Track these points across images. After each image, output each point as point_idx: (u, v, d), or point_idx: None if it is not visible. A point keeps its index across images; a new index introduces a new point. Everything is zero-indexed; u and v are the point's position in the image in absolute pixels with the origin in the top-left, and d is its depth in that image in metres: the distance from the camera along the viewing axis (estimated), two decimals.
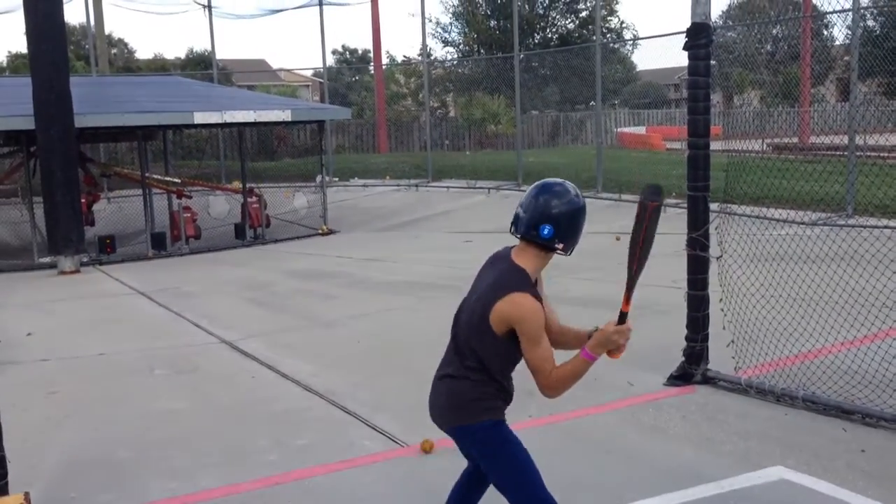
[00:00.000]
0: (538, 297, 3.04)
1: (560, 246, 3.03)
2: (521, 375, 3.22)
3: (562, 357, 3.16)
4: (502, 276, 3.05)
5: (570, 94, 28.12)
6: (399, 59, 42.28)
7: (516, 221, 3.09)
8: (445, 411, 3.17)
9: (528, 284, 3.04)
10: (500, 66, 24.25)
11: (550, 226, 2.98)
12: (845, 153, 12.02)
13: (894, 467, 4.41)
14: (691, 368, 5.94)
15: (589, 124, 29.17)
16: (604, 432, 5.17)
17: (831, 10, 14.84)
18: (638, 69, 42.65)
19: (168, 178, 16.81)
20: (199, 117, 14.79)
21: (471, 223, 15.63)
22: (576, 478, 4.43)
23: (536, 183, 3.13)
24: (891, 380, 5.27)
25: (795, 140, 17.52)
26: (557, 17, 38.98)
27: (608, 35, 37.32)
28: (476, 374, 3.09)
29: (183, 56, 44.59)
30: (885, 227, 8.37)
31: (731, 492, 4.24)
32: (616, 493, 4.27)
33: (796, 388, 5.43)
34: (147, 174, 15.53)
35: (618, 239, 11.16)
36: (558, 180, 3.13)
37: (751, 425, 5.13)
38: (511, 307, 2.97)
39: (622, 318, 3.15)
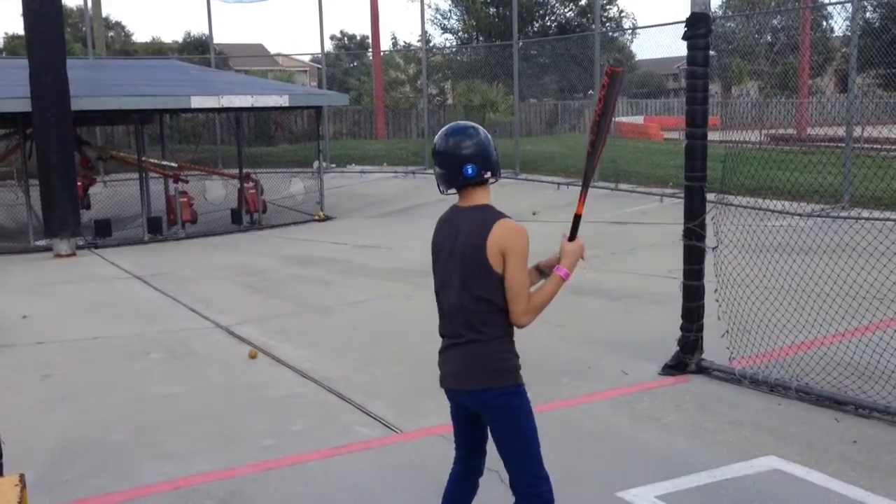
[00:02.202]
0: None
1: (488, 175, 3.12)
2: None
3: None
4: (480, 216, 3.11)
5: (568, 83, 28.04)
6: (398, 45, 42.18)
7: (445, 178, 3.14)
8: (466, 370, 3.12)
9: (503, 213, 3.13)
10: (499, 53, 24.19)
11: (472, 164, 3.09)
12: (842, 145, 12.03)
13: (886, 458, 4.44)
14: (686, 358, 5.96)
15: (587, 113, 29.11)
16: (597, 421, 5.20)
17: (831, 0, 14.81)
18: (637, 58, 42.58)
19: (165, 163, 16.76)
20: (197, 101, 14.72)
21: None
22: (568, 465, 4.45)
23: (440, 135, 3.17)
24: (883, 371, 5.29)
25: (793, 131, 17.53)
26: (557, 5, 38.85)
27: (607, 24, 37.23)
28: (493, 330, 3.09)
29: (180, 40, 44.39)
30: (881, 219, 8.39)
31: (724, 481, 4.26)
32: (608, 481, 4.30)
33: (790, 379, 5.45)
34: (144, 158, 15.49)
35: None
36: (455, 123, 3.22)
37: (744, 415, 5.16)
38: (503, 230, 3.05)
39: (576, 221, 3.33)
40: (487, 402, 3.10)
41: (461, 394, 3.18)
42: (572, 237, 3.29)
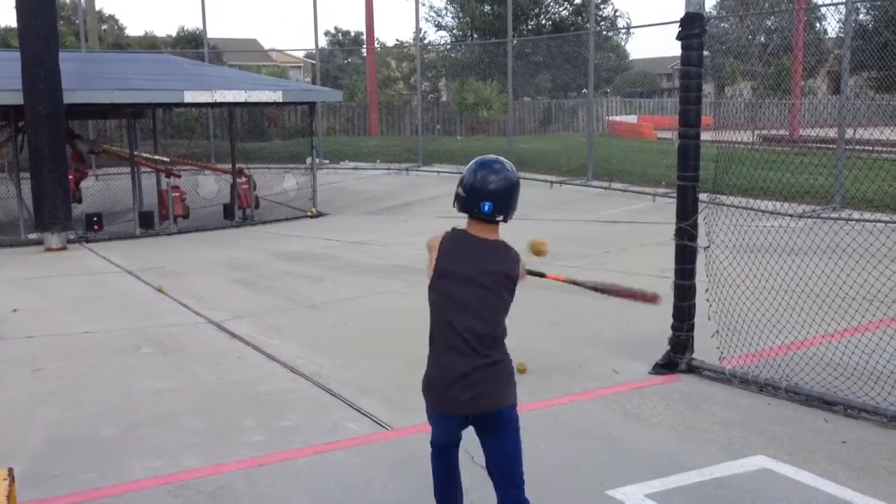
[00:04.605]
0: None
1: (500, 218, 3.27)
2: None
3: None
4: (504, 248, 3.32)
5: (562, 82, 28.08)
6: (392, 42, 42.12)
7: (468, 201, 3.26)
8: (500, 389, 3.26)
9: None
10: (494, 51, 24.20)
11: (490, 202, 3.22)
12: (834, 146, 12.07)
13: (875, 459, 4.46)
14: (676, 357, 5.98)
15: (581, 112, 29.14)
16: (587, 419, 5.20)
17: (824, 2, 14.85)
18: (631, 58, 42.66)
19: (157, 157, 16.71)
20: (190, 96, 14.69)
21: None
22: (557, 463, 4.46)
23: (476, 161, 3.32)
24: (872, 372, 5.31)
25: (785, 132, 17.57)
26: (551, 3, 38.87)
27: (602, 23, 37.26)
28: (502, 352, 3.31)
29: (174, 34, 44.22)
30: (871, 220, 8.42)
31: (713, 480, 4.28)
32: (597, 479, 4.30)
33: (779, 379, 5.47)
34: (136, 152, 15.44)
35: None
36: (494, 157, 3.35)
37: (734, 415, 5.17)
38: (523, 269, 3.38)
39: (540, 276, 3.71)
40: (507, 416, 3.26)
41: (483, 415, 3.25)
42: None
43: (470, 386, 3.20)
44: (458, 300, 3.23)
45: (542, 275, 3.80)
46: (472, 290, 3.21)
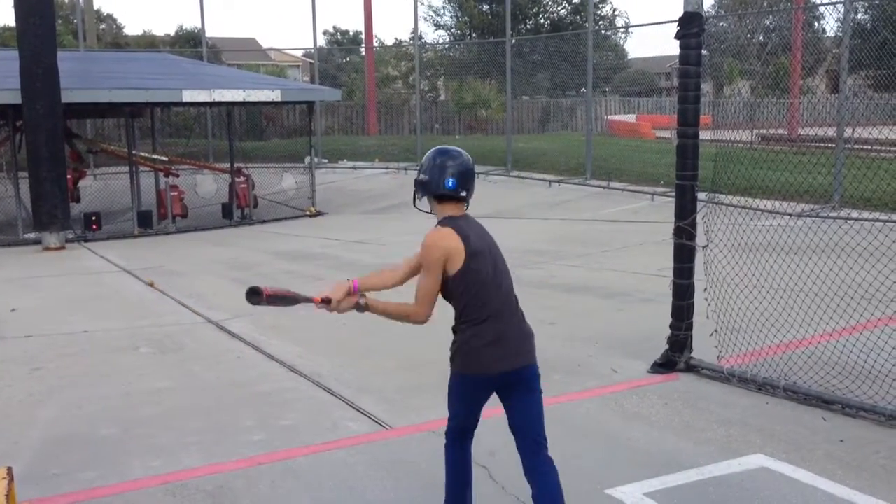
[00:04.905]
0: None
1: (463, 194, 3.53)
2: None
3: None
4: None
5: (560, 81, 28.10)
6: (391, 41, 42.10)
7: (432, 182, 3.54)
8: (533, 348, 3.51)
9: None
10: (492, 50, 24.19)
11: (453, 179, 3.53)
12: (833, 145, 12.07)
13: (872, 457, 4.47)
14: (675, 356, 5.98)
15: (579, 111, 29.14)
16: (586, 418, 5.21)
17: (823, 1, 14.85)
18: (629, 57, 42.64)
19: (155, 156, 16.71)
20: (188, 95, 14.69)
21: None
22: (557, 462, 4.44)
23: (433, 150, 3.63)
24: (870, 371, 5.32)
25: (784, 131, 17.58)
26: (550, 3, 38.87)
27: (600, 22, 37.27)
28: None
29: (172, 33, 44.20)
30: (870, 219, 8.43)
31: (711, 478, 4.28)
32: (597, 478, 4.31)
33: (777, 378, 5.48)
34: (134, 151, 15.43)
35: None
36: (449, 146, 3.66)
37: (732, 413, 5.18)
38: None
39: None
40: (537, 371, 3.50)
41: (524, 369, 3.44)
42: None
43: (529, 336, 3.50)
44: (499, 268, 3.48)
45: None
46: (499, 260, 3.50)
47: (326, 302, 3.61)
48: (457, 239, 3.39)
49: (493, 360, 3.38)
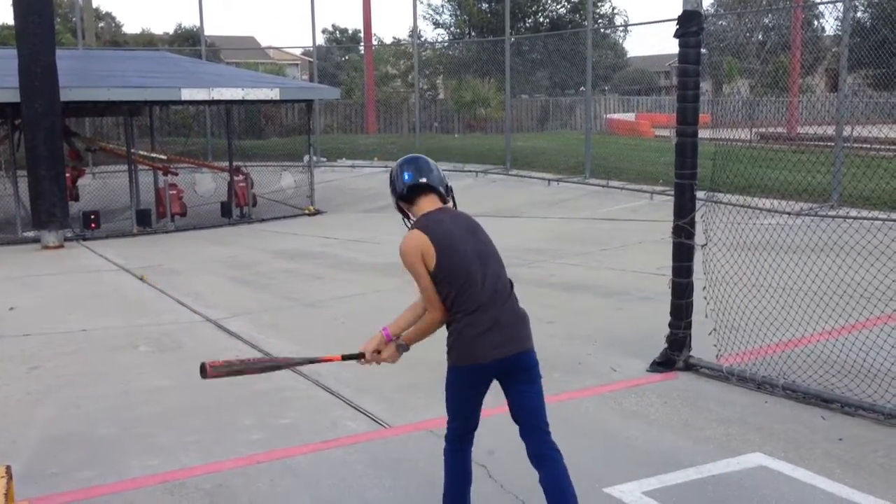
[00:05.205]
0: None
1: (423, 180, 3.69)
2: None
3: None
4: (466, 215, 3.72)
5: (560, 79, 28.07)
6: (389, 40, 42.09)
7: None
8: (529, 332, 3.52)
9: None
10: (491, 49, 24.17)
11: (408, 172, 3.70)
12: (832, 144, 12.07)
13: (871, 456, 4.47)
14: (674, 355, 5.98)
15: (578, 110, 29.13)
16: (585, 416, 5.21)
17: (822, 0, 14.85)
18: (628, 55, 42.63)
19: (154, 155, 16.69)
20: (187, 94, 14.67)
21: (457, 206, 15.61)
22: None
23: (410, 157, 3.77)
24: (869, 369, 5.32)
25: (783, 130, 17.57)
26: (549, 1, 38.84)
27: (599, 20, 37.25)
28: None
29: (171, 31, 44.18)
30: (869, 218, 8.43)
31: (710, 477, 4.28)
32: (596, 476, 4.31)
33: (776, 377, 5.48)
34: (133, 150, 15.42)
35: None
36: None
37: (731, 412, 5.18)
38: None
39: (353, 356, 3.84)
40: (535, 358, 3.50)
41: (521, 356, 3.43)
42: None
43: (523, 319, 3.49)
44: (479, 253, 3.47)
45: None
46: (479, 244, 3.50)
47: (356, 357, 3.73)
48: (423, 237, 3.49)
49: (489, 348, 3.38)
